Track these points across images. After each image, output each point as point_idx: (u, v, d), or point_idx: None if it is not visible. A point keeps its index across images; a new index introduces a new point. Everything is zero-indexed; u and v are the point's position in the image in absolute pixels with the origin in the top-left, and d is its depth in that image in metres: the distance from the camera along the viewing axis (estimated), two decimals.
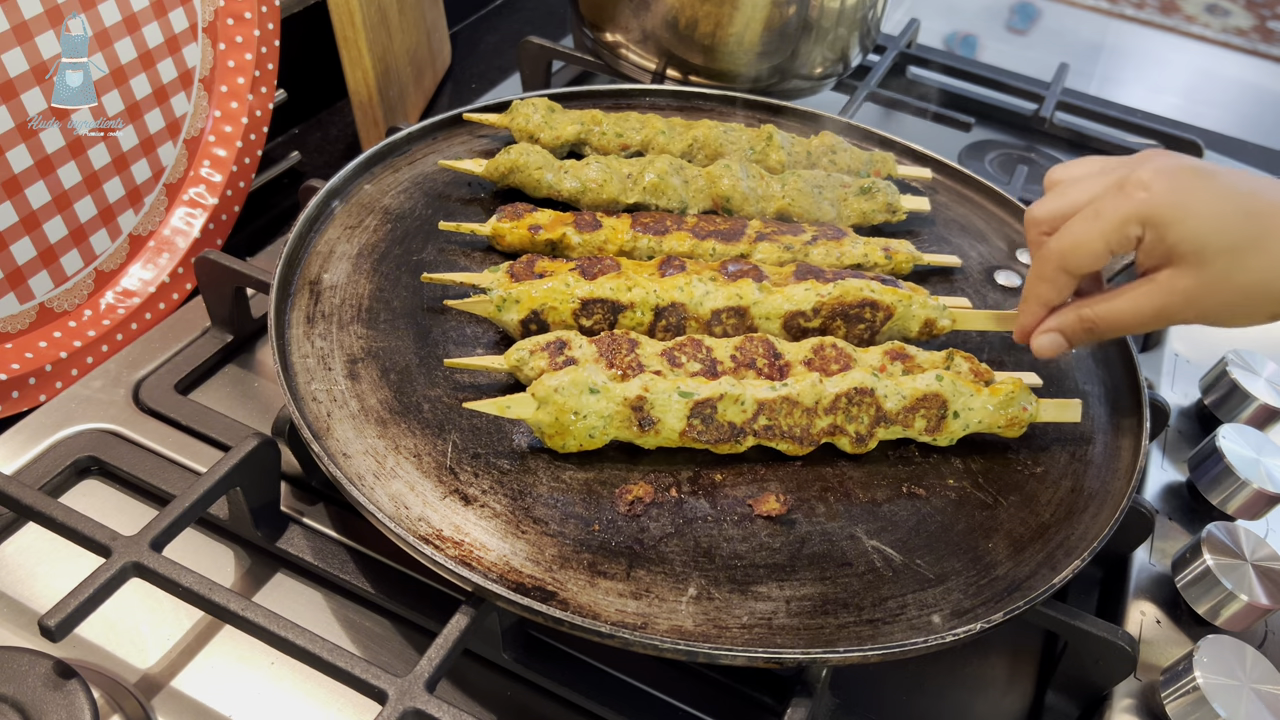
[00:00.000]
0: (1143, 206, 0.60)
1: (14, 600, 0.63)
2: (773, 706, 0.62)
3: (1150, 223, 0.61)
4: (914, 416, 0.66)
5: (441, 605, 0.63)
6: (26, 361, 0.76)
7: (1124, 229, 0.61)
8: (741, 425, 0.64)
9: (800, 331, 0.71)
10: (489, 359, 0.66)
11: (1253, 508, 0.75)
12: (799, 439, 0.65)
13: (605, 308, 0.70)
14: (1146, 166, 0.62)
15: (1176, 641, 0.68)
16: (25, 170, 0.75)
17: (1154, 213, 0.60)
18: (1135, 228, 0.61)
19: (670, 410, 0.62)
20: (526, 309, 0.69)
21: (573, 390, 0.61)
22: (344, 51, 1.02)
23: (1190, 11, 2.26)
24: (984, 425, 0.68)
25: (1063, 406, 0.70)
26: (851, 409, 0.65)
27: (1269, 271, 0.59)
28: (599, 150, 0.87)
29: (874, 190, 0.86)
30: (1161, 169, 0.61)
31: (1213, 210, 0.59)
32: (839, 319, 0.72)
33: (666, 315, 0.70)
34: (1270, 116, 1.62)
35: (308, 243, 0.75)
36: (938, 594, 0.60)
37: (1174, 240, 0.60)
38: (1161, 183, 0.60)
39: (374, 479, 0.61)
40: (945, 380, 0.67)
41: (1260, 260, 0.59)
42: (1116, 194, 0.62)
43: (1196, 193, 0.60)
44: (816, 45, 1.08)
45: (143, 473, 0.69)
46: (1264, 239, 0.59)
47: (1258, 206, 0.59)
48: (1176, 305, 0.62)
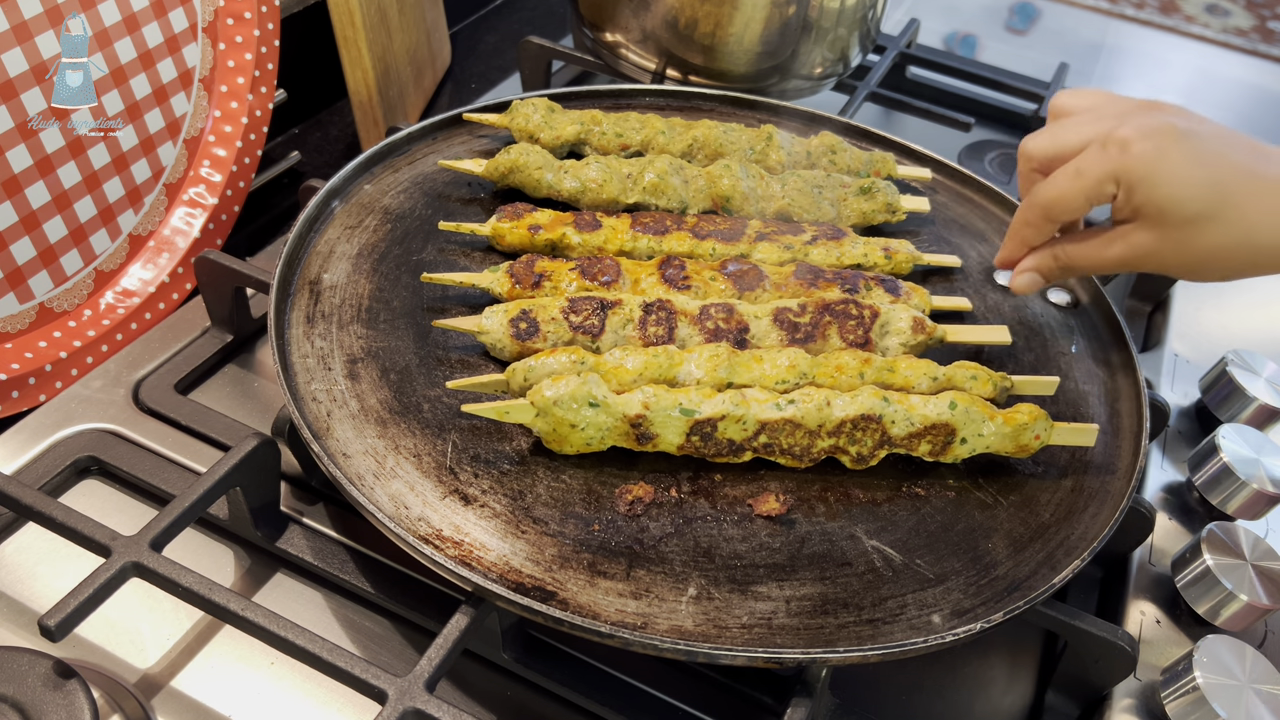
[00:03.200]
0: (1118, 166, 0.65)
1: (14, 600, 0.63)
2: (773, 706, 0.62)
3: (1122, 182, 0.65)
4: (919, 441, 0.66)
5: (441, 605, 0.63)
6: (26, 361, 0.76)
7: (1101, 186, 0.66)
8: (741, 442, 0.64)
9: (791, 327, 0.71)
10: (491, 378, 0.65)
11: (1253, 508, 0.75)
12: (799, 456, 0.65)
13: (593, 304, 0.70)
14: (1132, 123, 0.65)
15: (1176, 641, 0.68)
16: (25, 170, 0.75)
17: (1126, 174, 0.64)
18: (1110, 185, 0.66)
19: (669, 427, 0.62)
20: (516, 309, 0.69)
21: (571, 404, 0.61)
22: (344, 51, 1.02)
23: (1190, 11, 2.26)
24: (992, 449, 0.67)
25: (1078, 431, 0.68)
26: (856, 433, 0.64)
27: (1224, 239, 0.63)
28: (599, 150, 0.87)
29: (874, 190, 0.86)
30: (1143, 129, 0.64)
31: (1178, 178, 0.63)
32: (828, 315, 0.72)
33: (655, 310, 0.70)
34: (1270, 116, 1.62)
35: (308, 243, 0.75)
36: (938, 594, 0.60)
37: (1139, 202, 0.65)
38: (1139, 144, 0.64)
39: (374, 479, 0.61)
40: (958, 409, 0.65)
41: (1217, 229, 0.63)
42: (1099, 151, 0.66)
43: (1168, 158, 0.63)
44: (816, 45, 1.08)
45: (143, 473, 0.69)
46: (1223, 209, 0.62)
47: (1222, 176, 0.62)
48: (1138, 257, 0.67)
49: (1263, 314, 1.03)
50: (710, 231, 0.79)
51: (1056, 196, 0.69)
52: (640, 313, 0.69)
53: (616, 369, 0.64)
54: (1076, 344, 0.80)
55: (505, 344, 0.68)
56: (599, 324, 0.68)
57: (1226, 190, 0.62)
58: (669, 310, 0.69)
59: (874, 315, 0.72)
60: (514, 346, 0.68)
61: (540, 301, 0.69)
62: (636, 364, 0.65)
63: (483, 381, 0.65)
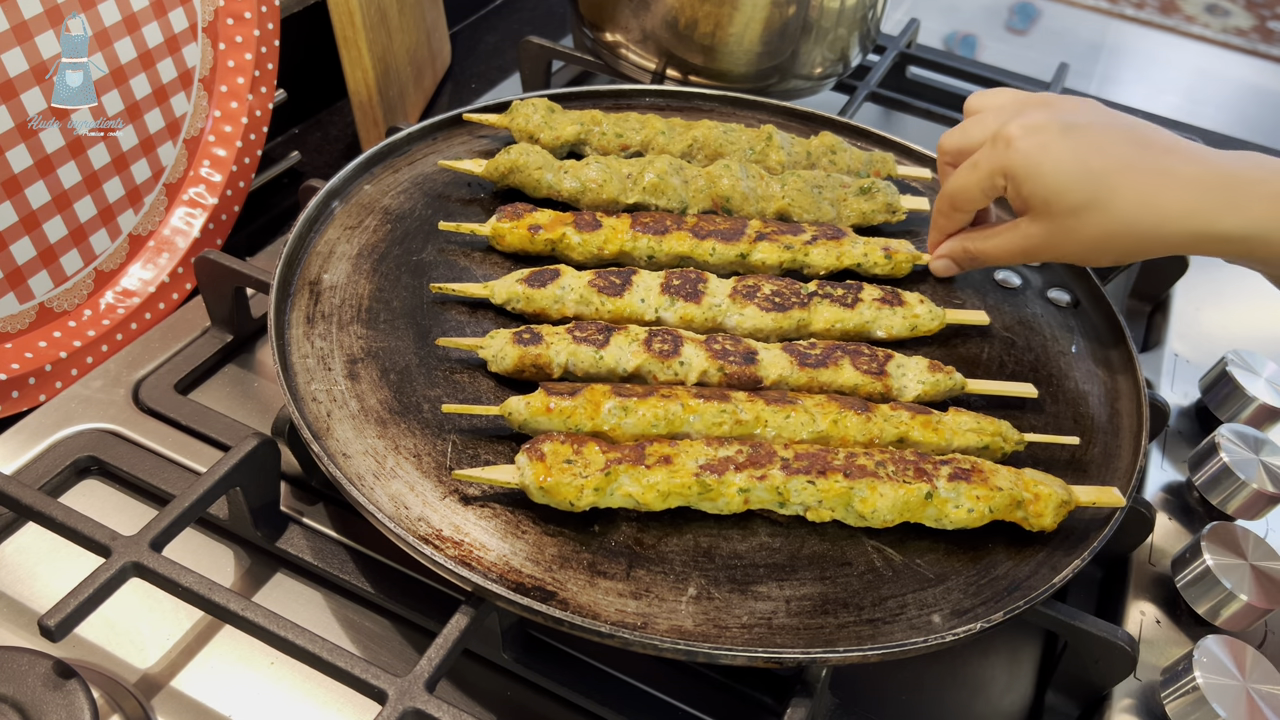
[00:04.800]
0: (1005, 162, 0.68)
1: (14, 600, 0.63)
2: (773, 706, 0.62)
3: (1010, 177, 0.68)
4: None
5: (441, 605, 0.63)
6: (26, 361, 0.76)
7: (992, 179, 0.70)
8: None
9: (800, 356, 0.70)
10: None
11: (1253, 508, 0.75)
12: None
13: (597, 326, 0.69)
14: (1021, 120, 0.69)
15: (1176, 641, 0.68)
16: (25, 170, 0.75)
17: (1013, 169, 0.68)
18: (1000, 179, 0.69)
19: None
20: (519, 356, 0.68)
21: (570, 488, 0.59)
22: (344, 51, 1.02)
23: (1190, 11, 2.26)
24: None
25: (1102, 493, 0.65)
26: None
27: (1107, 226, 0.66)
28: (599, 150, 0.87)
29: (874, 190, 0.86)
30: (1028, 125, 0.68)
31: (1059, 170, 0.66)
32: (839, 350, 0.71)
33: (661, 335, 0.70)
34: (1270, 116, 1.62)
35: (307, 243, 0.75)
36: (938, 594, 0.60)
37: (1025, 195, 0.68)
38: (1024, 141, 0.67)
39: (374, 479, 0.61)
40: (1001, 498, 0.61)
41: (1098, 216, 0.66)
42: (990, 147, 0.70)
43: (1050, 152, 0.67)
44: (816, 45, 1.08)
45: (143, 473, 0.69)
46: (1102, 198, 0.65)
47: (1101, 166, 0.66)
48: (1035, 247, 0.70)
49: (1263, 314, 1.03)
50: (710, 231, 0.79)
51: (959, 189, 0.73)
52: (645, 333, 0.69)
53: (615, 429, 0.63)
54: (1076, 344, 0.80)
55: (507, 354, 0.67)
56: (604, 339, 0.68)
57: (1105, 180, 0.65)
58: (674, 336, 0.69)
59: (888, 356, 0.71)
60: (515, 353, 0.67)
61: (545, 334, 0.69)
62: (638, 425, 0.63)
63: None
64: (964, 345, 0.78)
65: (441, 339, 0.68)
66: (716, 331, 0.73)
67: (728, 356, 0.68)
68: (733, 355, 0.68)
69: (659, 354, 0.67)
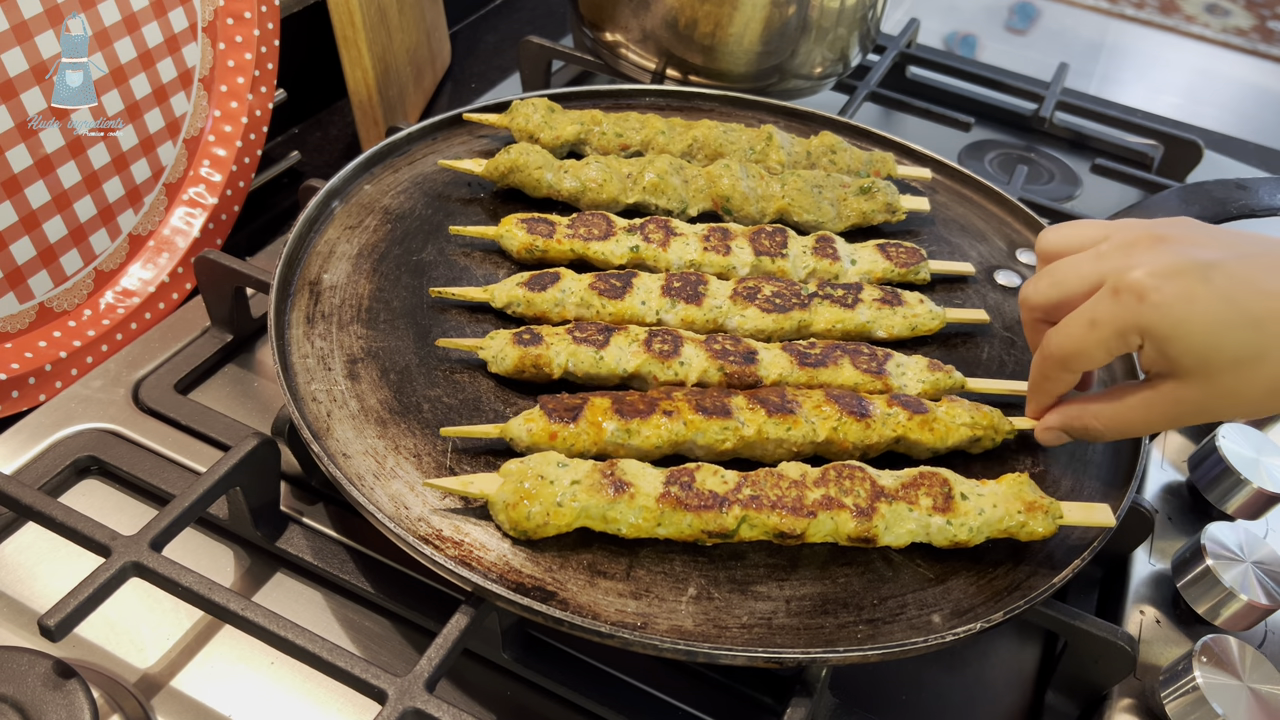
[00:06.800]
0: (1140, 318, 0.57)
1: (14, 600, 0.63)
2: (773, 706, 0.62)
3: (1149, 335, 0.57)
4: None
5: (441, 605, 0.63)
6: (26, 361, 0.76)
7: (1123, 338, 0.58)
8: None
9: (800, 356, 0.70)
10: (488, 428, 0.63)
11: (1253, 508, 0.75)
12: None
13: (597, 327, 0.69)
14: (1142, 266, 0.57)
15: (1176, 641, 0.68)
16: (25, 170, 0.75)
17: (1152, 325, 0.57)
18: (1135, 338, 0.58)
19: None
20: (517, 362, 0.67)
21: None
22: (344, 51, 1.02)
23: (1190, 11, 2.26)
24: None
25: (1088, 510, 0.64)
26: None
27: (1278, 379, 0.56)
28: (599, 150, 0.88)
29: (874, 190, 0.86)
30: (1159, 271, 0.57)
31: (1214, 321, 0.56)
32: (839, 349, 0.71)
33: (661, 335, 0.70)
34: (1270, 116, 1.62)
35: (307, 243, 0.75)
36: (938, 594, 0.60)
37: (1175, 355, 0.57)
38: (1161, 292, 0.56)
39: (374, 479, 0.61)
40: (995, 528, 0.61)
41: (1267, 369, 0.56)
42: (1112, 300, 0.58)
43: (1197, 301, 0.56)
44: (816, 45, 1.08)
45: (142, 472, 0.69)
46: (1270, 347, 0.55)
47: (1262, 312, 0.55)
48: (1189, 413, 0.59)
49: None
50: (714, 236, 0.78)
51: (1074, 351, 0.61)
52: (645, 334, 0.69)
53: (618, 451, 0.62)
54: None
55: (507, 354, 0.67)
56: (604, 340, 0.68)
57: (1269, 325, 0.55)
58: (674, 337, 0.69)
59: (887, 356, 0.71)
60: (515, 354, 0.67)
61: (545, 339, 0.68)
62: (642, 445, 0.63)
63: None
64: (964, 345, 0.78)
65: (441, 340, 0.68)
66: (717, 332, 0.73)
67: (728, 356, 0.68)
68: (733, 355, 0.68)
69: (659, 354, 0.67)
